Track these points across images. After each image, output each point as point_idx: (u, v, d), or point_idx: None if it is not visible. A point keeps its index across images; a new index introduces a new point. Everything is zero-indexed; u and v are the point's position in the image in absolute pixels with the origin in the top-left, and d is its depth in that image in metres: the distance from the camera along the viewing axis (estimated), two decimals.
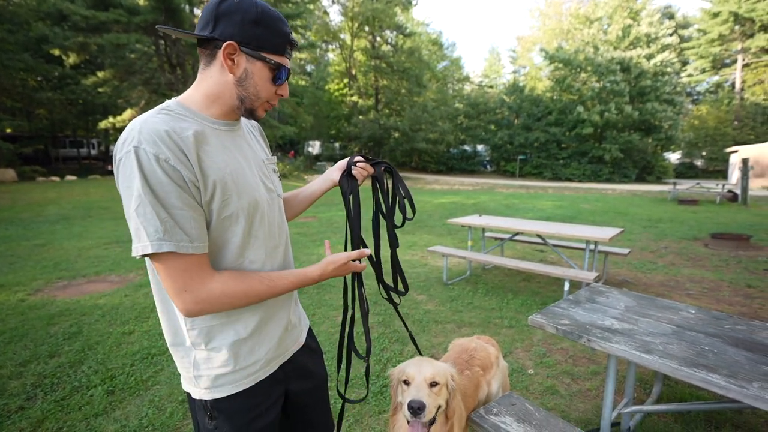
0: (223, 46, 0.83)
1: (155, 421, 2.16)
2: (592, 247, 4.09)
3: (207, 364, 0.90)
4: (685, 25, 39.40)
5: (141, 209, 0.76)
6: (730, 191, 12.94)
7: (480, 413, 1.54)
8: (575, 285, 4.13)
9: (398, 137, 26.69)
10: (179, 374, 0.96)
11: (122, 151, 0.77)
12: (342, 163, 1.21)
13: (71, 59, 19.49)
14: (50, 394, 2.41)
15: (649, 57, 26.04)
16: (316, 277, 0.96)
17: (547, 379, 2.53)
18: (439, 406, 1.22)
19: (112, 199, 12.84)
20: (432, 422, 1.19)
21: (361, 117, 26.95)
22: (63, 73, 22.45)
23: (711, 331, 1.60)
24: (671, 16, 37.20)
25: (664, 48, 27.04)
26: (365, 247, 1.15)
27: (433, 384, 1.21)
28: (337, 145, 37.61)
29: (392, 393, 1.30)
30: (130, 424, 2.13)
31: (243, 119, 1.01)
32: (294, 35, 0.92)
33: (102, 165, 25.93)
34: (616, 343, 1.46)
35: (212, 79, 0.87)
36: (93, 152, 29.66)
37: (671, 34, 28.99)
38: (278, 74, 0.90)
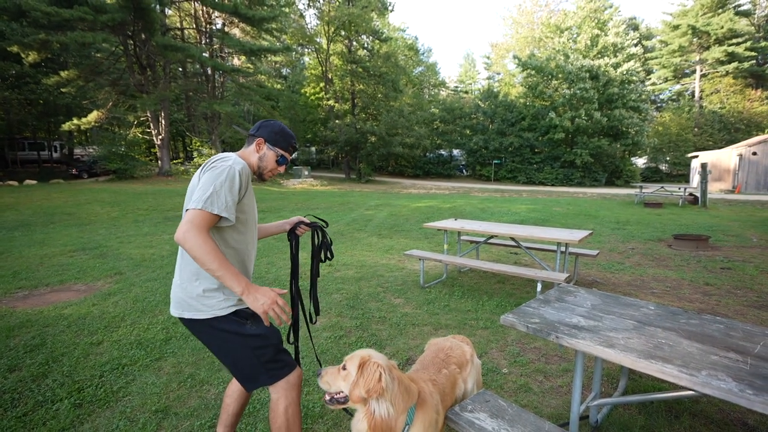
0: (257, 139, 1.64)
1: None
2: (563, 249, 4.24)
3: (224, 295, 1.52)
4: (649, 36, 41.56)
5: (221, 191, 1.40)
6: (691, 194, 13.69)
7: (455, 410, 1.58)
8: (547, 286, 4.28)
9: (375, 141, 26.77)
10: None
11: (223, 163, 1.47)
12: (292, 221, 1.94)
13: (31, 57, 18.47)
14: (10, 410, 2.30)
15: (616, 66, 27.22)
16: (237, 290, 1.37)
17: (521, 377, 2.61)
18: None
19: (77, 204, 12.28)
20: (344, 401, 1.37)
21: (337, 121, 26.88)
22: (21, 72, 21.20)
23: (668, 326, 1.70)
24: (636, 27, 39.16)
25: (630, 57, 28.32)
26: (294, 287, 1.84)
27: (344, 367, 1.40)
28: (313, 149, 37.36)
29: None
30: None
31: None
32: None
33: (65, 168, 24.69)
34: (582, 339, 1.53)
35: (249, 152, 1.65)
36: (55, 155, 28.17)
37: (636, 45, 30.41)
38: (280, 159, 1.68)
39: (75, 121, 20.34)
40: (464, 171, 34.27)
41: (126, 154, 21.20)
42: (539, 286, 3.74)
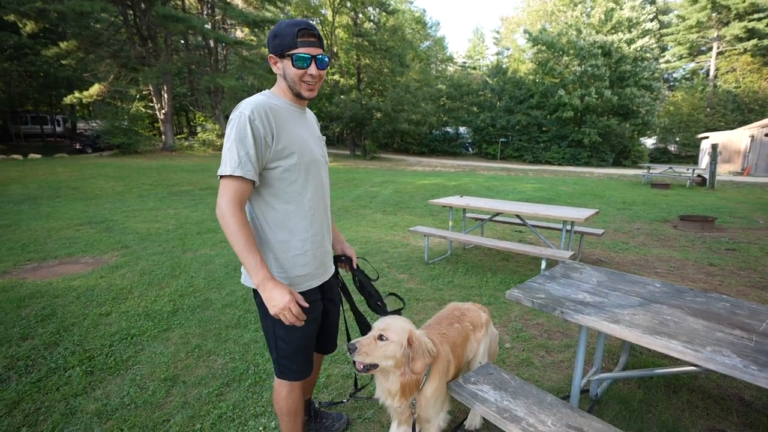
0: (269, 58, 1.37)
1: (137, 399, 2.15)
2: (568, 227, 4.21)
3: (276, 269, 1.38)
4: (665, 11, 39.91)
5: (231, 147, 1.23)
6: (699, 176, 13.48)
7: (458, 382, 1.60)
8: (551, 264, 4.28)
9: (380, 118, 26.35)
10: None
11: (233, 114, 1.26)
12: (344, 248, 1.75)
13: (28, 27, 18.13)
14: (25, 376, 2.37)
15: (630, 42, 26.31)
16: (255, 281, 1.24)
17: (523, 352, 2.65)
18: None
19: (82, 178, 12.32)
20: (374, 367, 1.42)
21: (342, 97, 26.42)
22: (20, 42, 20.77)
23: (673, 303, 1.70)
24: (652, 1, 37.55)
25: (645, 33, 27.34)
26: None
27: (381, 337, 1.42)
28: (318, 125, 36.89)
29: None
30: (111, 403, 2.12)
31: (309, 112, 1.52)
32: (308, 23, 1.32)
33: (69, 143, 24.61)
34: (587, 315, 1.53)
35: (278, 79, 1.39)
36: (59, 129, 28.06)
37: (652, 20, 29.25)
38: (297, 61, 1.31)
39: (77, 94, 20.12)
40: (470, 149, 33.84)
41: (129, 129, 21.08)
42: (543, 264, 3.74)
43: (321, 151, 1.49)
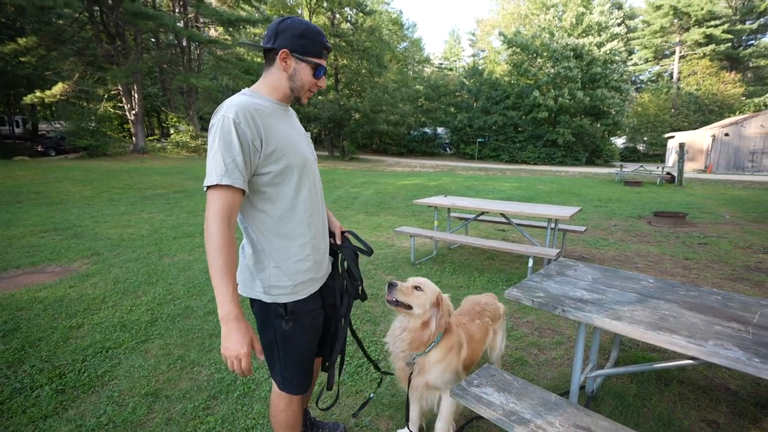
0: (280, 53, 1.22)
1: (116, 417, 2.00)
2: (553, 225, 4.27)
3: (276, 278, 1.27)
4: (632, 16, 41.59)
5: (216, 155, 1.11)
6: (668, 173, 14.07)
7: (462, 386, 1.56)
8: (538, 261, 4.32)
9: (359, 119, 26.26)
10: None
11: (214, 118, 1.15)
12: (331, 222, 1.58)
13: None
14: None
15: (600, 45, 27.25)
16: (220, 313, 1.12)
17: (516, 351, 2.64)
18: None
19: (45, 182, 11.66)
20: (404, 306, 1.57)
21: (320, 97, 26.16)
22: None
23: (669, 298, 1.71)
24: (620, 6, 39.04)
25: (614, 37, 28.37)
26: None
27: (417, 288, 1.59)
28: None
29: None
30: (87, 424, 1.96)
31: (290, 109, 1.41)
32: (326, 42, 1.30)
33: (30, 145, 23.26)
34: (588, 312, 1.52)
35: (273, 75, 1.27)
36: (18, 131, 26.46)
37: (619, 24, 30.41)
38: (317, 71, 1.29)
39: (38, 93, 19.04)
40: (448, 149, 34.20)
41: (97, 130, 20.14)
42: (530, 262, 3.76)
43: (310, 149, 1.42)
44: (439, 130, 34.24)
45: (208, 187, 1.12)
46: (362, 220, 7.26)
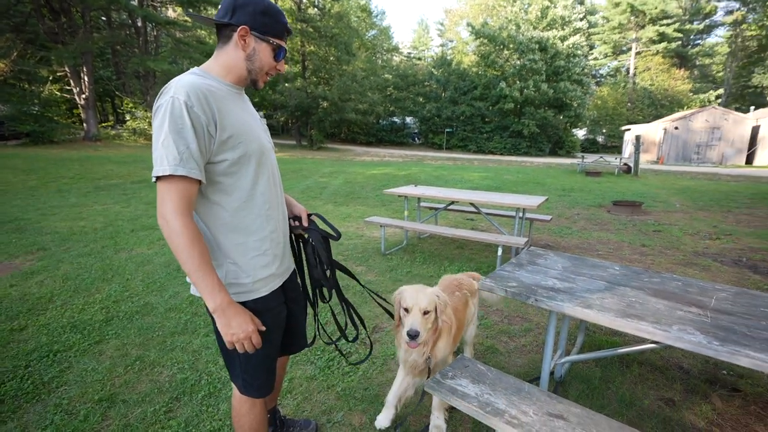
0: (238, 29, 1.11)
1: (65, 427, 1.84)
2: (521, 214, 4.36)
3: (234, 275, 1.18)
4: (593, 12, 43.04)
5: (166, 142, 0.99)
6: (625, 164, 14.81)
7: (436, 378, 1.54)
8: (506, 250, 4.41)
9: (327, 107, 25.76)
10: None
11: (161, 100, 1.03)
12: (294, 208, 1.50)
13: None
14: None
15: (563, 39, 28.08)
16: (211, 305, 1.05)
17: (487, 339, 2.68)
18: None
19: None
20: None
21: (287, 85, 25.41)
22: None
23: (634, 285, 1.77)
24: (582, 2, 40.35)
25: (576, 31, 29.30)
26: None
27: (426, 312, 1.57)
28: (261, 113, 35.23)
29: (395, 310, 1.68)
30: None
31: (244, 94, 1.28)
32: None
33: None
34: (560, 302, 1.54)
35: (227, 55, 1.15)
36: None
37: (581, 19, 31.43)
38: (278, 53, 1.19)
39: None
40: (417, 139, 34.35)
41: (41, 115, 18.54)
42: (500, 251, 3.83)
43: (267, 137, 1.32)
44: (408, 119, 34.27)
45: (159, 178, 1.00)
46: (331, 210, 7.14)
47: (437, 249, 4.84)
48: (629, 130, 25.48)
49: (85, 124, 19.64)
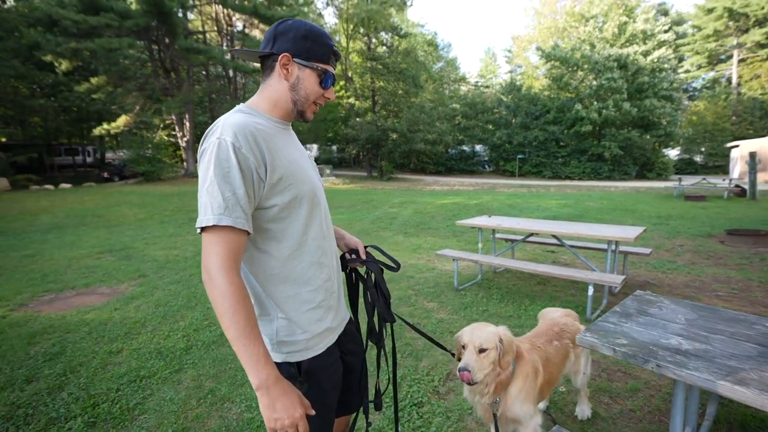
0: (279, 57, 1.02)
1: None
2: (614, 247, 3.83)
3: (287, 331, 1.06)
4: (680, 22, 39.42)
5: (211, 188, 0.90)
6: (737, 186, 12.74)
7: None
8: (598, 289, 3.87)
9: (396, 138, 26.40)
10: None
11: (207, 142, 0.95)
12: (349, 241, 1.36)
13: (64, 66, 19.15)
14: (23, 428, 2.14)
15: (646, 54, 25.91)
16: (254, 381, 0.90)
17: None
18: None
19: (107, 206, 12.55)
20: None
21: (358, 119, 26.69)
22: (56, 80, 21.98)
23: None
24: (665, 13, 37.20)
25: (661, 44, 26.91)
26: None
27: (482, 350, 1.50)
28: (334, 147, 37.35)
29: (456, 350, 1.63)
30: None
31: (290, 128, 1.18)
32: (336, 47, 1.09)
33: (98, 172, 25.50)
34: (695, 371, 1.19)
35: (272, 87, 1.06)
36: (89, 159, 29.19)
37: (666, 31, 28.84)
38: (325, 79, 1.07)
39: (105, 125, 20.94)
40: (487, 166, 33.46)
41: (153, 157, 21.69)
42: (590, 290, 3.35)
43: (317, 175, 1.21)
44: (478, 147, 33.67)
45: (203, 229, 0.91)
46: (401, 241, 7.04)
47: (515, 285, 4.44)
48: (737, 146, 22.10)
49: (185, 163, 22.47)
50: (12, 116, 22.50)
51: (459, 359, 1.57)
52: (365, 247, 1.37)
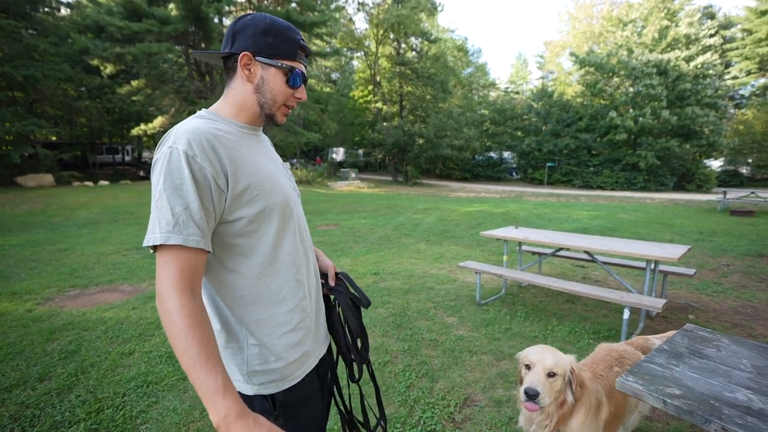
0: (240, 57, 0.92)
1: None
2: (652, 266, 3.51)
3: (259, 359, 0.94)
4: (728, 26, 37.25)
5: (159, 203, 0.81)
6: None
7: None
8: (635, 312, 3.56)
9: (423, 144, 26.21)
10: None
11: (159, 152, 0.85)
12: (324, 262, 1.23)
13: (108, 69, 20.26)
14: (28, 430, 2.11)
15: (689, 59, 24.62)
16: (216, 412, 0.75)
17: None
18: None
19: (139, 203, 13.01)
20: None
21: (385, 124, 26.69)
22: (101, 83, 23.39)
23: None
24: (712, 16, 35.29)
25: (706, 49, 25.51)
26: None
27: (551, 374, 1.37)
28: (360, 151, 37.55)
29: (518, 371, 1.51)
30: None
31: (263, 134, 1.09)
32: (306, 41, 0.99)
33: (134, 170, 26.74)
34: None
35: (235, 91, 0.97)
36: (127, 158, 30.71)
37: (713, 35, 27.31)
38: (292, 77, 0.96)
39: (143, 126, 21.88)
40: (515, 174, 32.68)
41: None
42: (626, 314, 3.06)
43: (292, 183, 1.09)
44: (506, 154, 32.95)
45: (155, 248, 0.80)
46: (423, 249, 6.85)
47: (542, 301, 4.17)
48: None
49: None
50: (61, 116, 24.12)
51: (520, 381, 1.47)
52: (336, 274, 1.21)
